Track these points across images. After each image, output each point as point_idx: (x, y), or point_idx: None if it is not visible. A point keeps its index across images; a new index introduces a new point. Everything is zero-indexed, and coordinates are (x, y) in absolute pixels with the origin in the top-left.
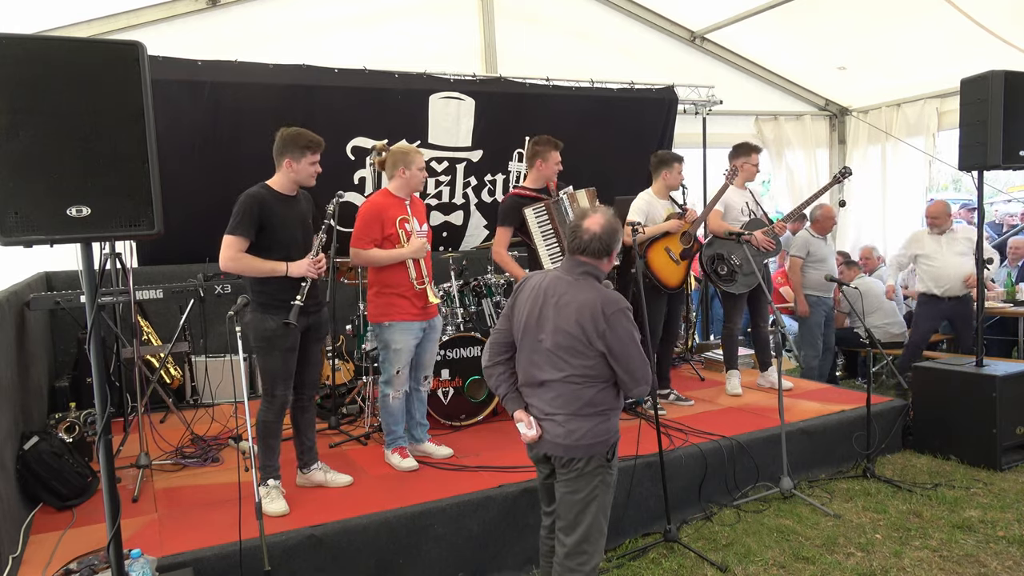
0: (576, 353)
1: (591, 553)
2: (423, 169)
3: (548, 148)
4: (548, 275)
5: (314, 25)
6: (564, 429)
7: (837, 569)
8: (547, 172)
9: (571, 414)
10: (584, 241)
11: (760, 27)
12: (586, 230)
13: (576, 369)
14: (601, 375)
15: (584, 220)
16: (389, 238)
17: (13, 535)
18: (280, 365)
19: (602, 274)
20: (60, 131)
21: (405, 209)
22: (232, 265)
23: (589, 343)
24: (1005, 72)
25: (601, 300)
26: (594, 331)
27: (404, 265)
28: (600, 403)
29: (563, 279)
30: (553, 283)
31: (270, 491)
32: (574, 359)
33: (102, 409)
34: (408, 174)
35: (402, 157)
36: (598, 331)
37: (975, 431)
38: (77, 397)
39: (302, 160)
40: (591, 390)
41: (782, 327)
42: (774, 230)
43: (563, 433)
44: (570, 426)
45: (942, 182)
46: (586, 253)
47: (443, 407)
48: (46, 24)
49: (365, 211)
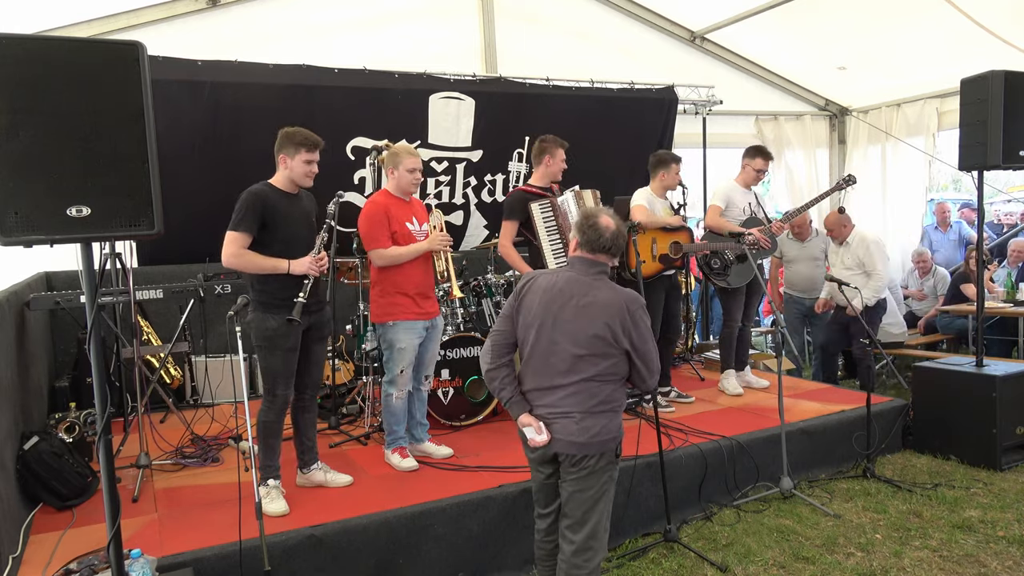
0: (603, 354)
1: (597, 549)
2: (413, 171)
3: (555, 146)
4: (560, 276)
5: (314, 25)
6: (579, 427)
7: (837, 569)
8: (554, 169)
9: (586, 412)
10: (607, 239)
11: (760, 27)
12: (606, 227)
13: (600, 369)
14: (619, 372)
15: (599, 219)
16: (395, 237)
17: (13, 535)
18: (281, 364)
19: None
20: (60, 131)
21: (406, 208)
22: (234, 261)
23: (616, 342)
24: (1005, 72)
25: (625, 299)
26: (621, 330)
27: (416, 264)
28: (613, 400)
29: (580, 280)
30: (570, 284)
31: (270, 491)
32: (600, 360)
33: (102, 409)
34: (396, 174)
35: (391, 158)
36: (624, 330)
37: (975, 431)
38: (77, 397)
39: (296, 157)
40: (608, 388)
41: (782, 327)
42: (771, 229)
43: (578, 431)
44: (585, 423)
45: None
46: (607, 252)
47: (443, 407)
48: (46, 24)
49: (370, 212)
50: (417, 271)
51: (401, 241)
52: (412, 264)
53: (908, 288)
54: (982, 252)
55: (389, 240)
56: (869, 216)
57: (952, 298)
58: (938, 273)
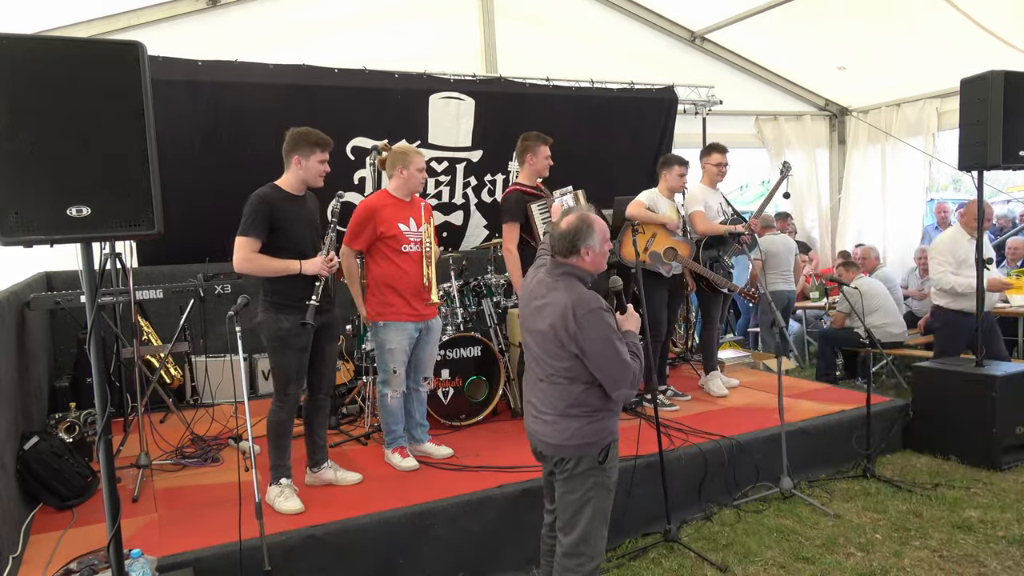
0: (552, 354)
1: (590, 556)
2: (422, 170)
3: (537, 143)
4: (536, 276)
5: (314, 25)
6: (552, 428)
7: (837, 569)
8: (538, 167)
9: (559, 414)
10: (555, 240)
11: (760, 27)
12: (556, 228)
13: (556, 369)
14: (581, 376)
15: (562, 221)
16: (385, 239)
17: (13, 535)
18: (293, 364)
19: (585, 274)
20: (60, 131)
21: (405, 209)
22: (246, 266)
23: (562, 344)
24: (1005, 72)
25: (572, 301)
26: (565, 333)
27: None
28: (587, 403)
29: (544, 280)
30: (538, 285)
31: (283, 490)
32: (552, 360)
33: (102, 409)
34: (407, 174)
35: (401, 157)
36: (569, 332)
37: (975, 431)
38: (77, 397)
39: (311, 158)
40: (575, 389)
41: (781, 326)
42: (751, 226)
43: (551, 432)
44: (558, 426)
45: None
46: (555, 251)
47: (443, 407)
48: (46, 24)
49: (358, 211)
50: (410, 269)
51: (391, 243)
52: (406, 262)
53: (908, 288)
54: (982, 252)
55: (364, 244)
56: (869, 216)
57: None
58: None
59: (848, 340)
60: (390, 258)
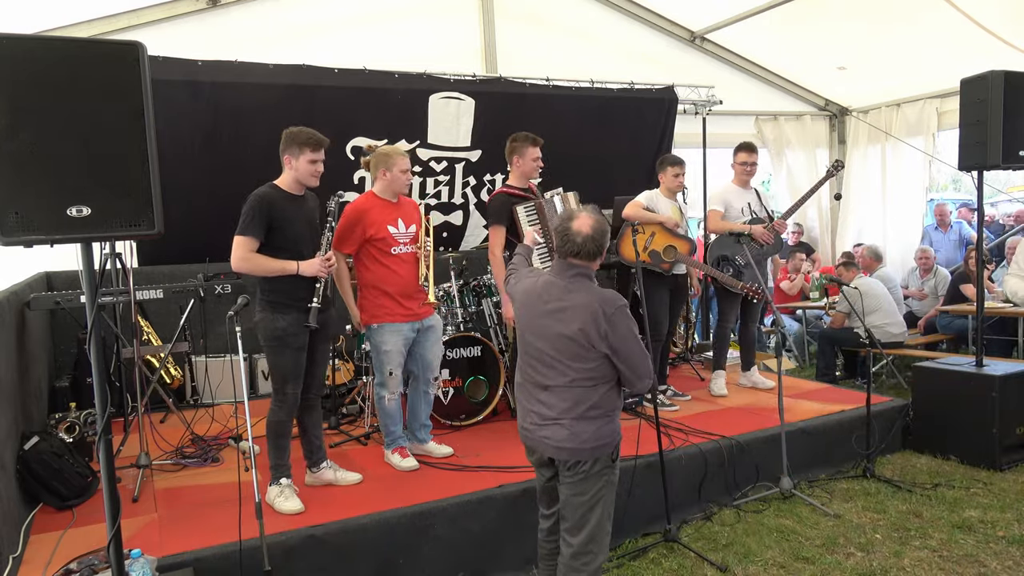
0: (579, 357)
1: (596, 552)
2: (406, 171)
3: (525, 144)
4: (540, 278)
5: (314, 25)
6: (569, 432)
7: (837, 569)
8: (526, 168)
9: (576, 417)
10: (577, 244)
11: (760, 27)
12: (577, 232)
13: (580, 373)
14: (604, 376)
15: (572, 222)
16: (374, 241)
17: (13, 535)
18: (291, 364)
19: (593, 273)
20: (60, 131)
21: (392, 210)
22: (244, 265)
23: (592, 346)
24: (1005, 72)
25: (599, 301)
26: (596, 334)
27: (400, 264)
28: (604, 405)
29: (556, 283)
30: (546, 288)
31: (283, 490)
32: (577, 363)
33: (102, 409)
34: (390, 176)
35: (383, 159)
36: (600, 333)
37: (975, 431)
38: (77, 397)
39: (300, 157)
40: (596, 393)
41: (782, 327)
42: (774, 227)
43: (568, 436)
44: (575, 429)
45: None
46: (579, 256)
47: (443, 407)
48: (46, 24)
49: (345, 214)
50: (400, 271)
51: (380, 246)
52: (396, 264)
53: (908, 288)
54: (982, 252)
55: (352, 247)
56: (870, 216)
57: (952, 298)
58: (939, 273)
59: (848, 340)
60: (380, 261)
